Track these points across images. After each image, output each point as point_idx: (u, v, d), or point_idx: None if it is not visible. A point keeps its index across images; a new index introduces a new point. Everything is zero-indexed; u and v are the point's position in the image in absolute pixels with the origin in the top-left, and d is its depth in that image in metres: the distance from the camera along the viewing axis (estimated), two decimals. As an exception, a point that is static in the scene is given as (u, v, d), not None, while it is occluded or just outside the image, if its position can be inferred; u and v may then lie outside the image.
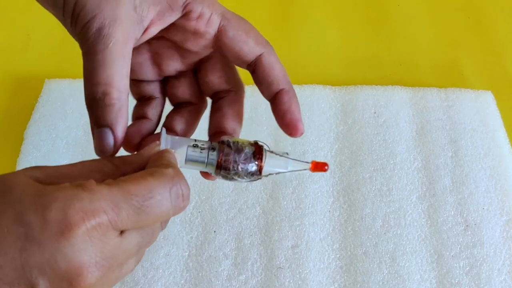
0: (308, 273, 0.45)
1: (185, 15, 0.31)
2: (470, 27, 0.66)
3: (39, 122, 0.53)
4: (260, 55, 0.32)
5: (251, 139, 0.33)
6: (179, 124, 0.35)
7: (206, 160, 0.32)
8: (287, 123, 0.32)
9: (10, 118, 0.55)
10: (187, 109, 0.35)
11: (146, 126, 0.34)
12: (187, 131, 0.35)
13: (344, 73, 0.61)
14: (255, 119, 0.54)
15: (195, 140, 0.32)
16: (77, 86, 0.56)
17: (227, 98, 0.35)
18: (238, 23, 0.32)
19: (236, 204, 0.49)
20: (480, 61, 0.63)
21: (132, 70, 0.30)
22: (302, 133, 0.33)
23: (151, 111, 0.35)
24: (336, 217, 0.49)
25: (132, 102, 0.35)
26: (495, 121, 0.55)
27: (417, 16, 0.67)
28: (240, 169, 0.32)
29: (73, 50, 0.61)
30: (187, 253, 0.46)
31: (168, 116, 0.36)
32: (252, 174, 0.32)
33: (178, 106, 0.36)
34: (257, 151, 0.32)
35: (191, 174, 0.51)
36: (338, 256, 0.46)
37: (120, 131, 0.29)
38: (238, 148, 0.32)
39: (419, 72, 0.61)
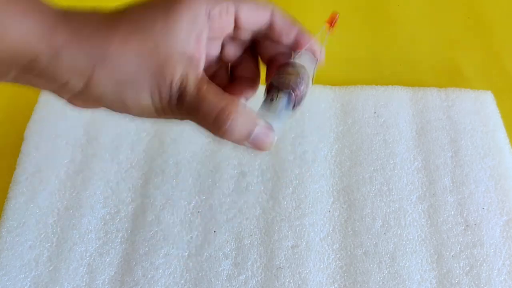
0: (308, 273, 0.45)
1: (211, 22, 0.34)
2: (470, 27, 0.66)
3: (39, 122, 0.53)
4: (271, 14, 0.36)
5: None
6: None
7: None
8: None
9: (10, 118, 0.55)
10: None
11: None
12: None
13: (344, 73, 0.61)
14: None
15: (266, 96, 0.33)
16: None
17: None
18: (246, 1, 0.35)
19: (236, 204, 0.49)
20: (480, 61, 0.63)
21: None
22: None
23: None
24: (336, 217, 0.49)
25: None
26: (495, 121, 0.55)
27: (417, 16, 0.67)
28: (306, 89, 0.34)
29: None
30: (187, 253, 0.46)
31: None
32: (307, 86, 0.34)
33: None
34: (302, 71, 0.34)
35: (191, 173, 0.51)
36: (338, 256, 0.46)
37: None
38: (299, 76, 0.34)
39: (419, 72, 0.61)
